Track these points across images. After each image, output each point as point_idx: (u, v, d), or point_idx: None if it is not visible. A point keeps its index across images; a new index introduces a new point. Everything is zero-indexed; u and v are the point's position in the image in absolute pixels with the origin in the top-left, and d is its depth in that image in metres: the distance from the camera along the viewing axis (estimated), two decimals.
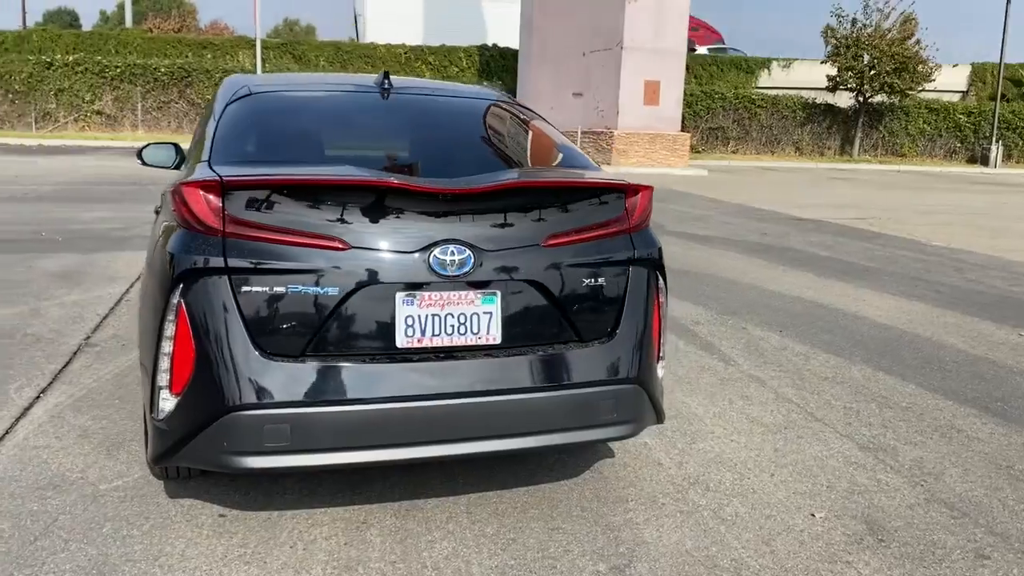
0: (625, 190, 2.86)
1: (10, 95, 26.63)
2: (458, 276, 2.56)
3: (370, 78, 3.52)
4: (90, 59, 27.18)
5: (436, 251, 2.54)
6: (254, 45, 27.47)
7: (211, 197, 2.46)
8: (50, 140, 24.69)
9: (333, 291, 2.48)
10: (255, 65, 27.19)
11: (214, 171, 2.62)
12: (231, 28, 28.46)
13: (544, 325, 2.71)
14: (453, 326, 2.58)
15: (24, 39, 28.59)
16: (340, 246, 2.49)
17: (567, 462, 3.45)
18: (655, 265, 2.92)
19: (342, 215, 2.52)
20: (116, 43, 29.53)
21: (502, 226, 2.64)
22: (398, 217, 2.56)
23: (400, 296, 2.53)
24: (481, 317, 2.61)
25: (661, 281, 2.95)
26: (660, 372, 3.02)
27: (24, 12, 48.73)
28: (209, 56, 30.12)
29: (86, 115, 27.14)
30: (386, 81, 3.45)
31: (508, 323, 2.65)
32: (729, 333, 5.68)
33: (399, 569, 2.61)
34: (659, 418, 3.04)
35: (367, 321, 2.53)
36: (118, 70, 27.15)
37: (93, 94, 27.10)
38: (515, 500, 3.11)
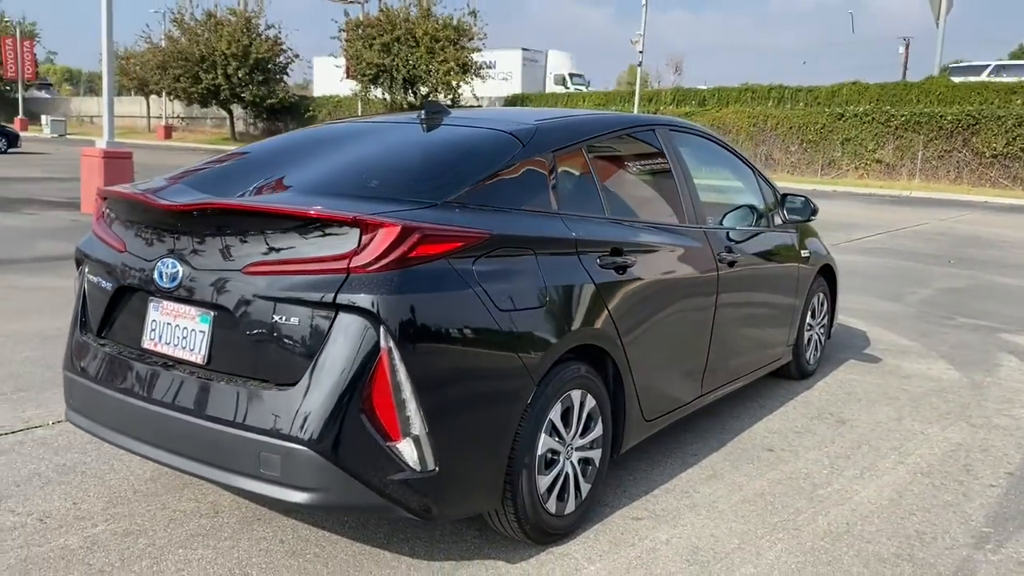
0: (360, 226, 2.48)
1: (803, 144, 29.11)
2: (171, 290, 2.71)
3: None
4: (879, 109, 27.77)
5: (158, 263, 2.74)
6: None
7: (100, 202, 3.16)
8: (824, 186, 26.27)
9: (110, 285, 2.92)
10: None
11: None
12: None
13: (242, 355, 2.60)
14: (179, 338, 2.74)
15: (835, 93, 30.67)
16: (119, 247, 2.92)
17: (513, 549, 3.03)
18: (380, 320, 2.43)
19: (127, 222, 2.94)
20: (918, 92, 29.32)
21: (215, 248, 2.66)
22: (150, 228, 2.84)
23: (151, 301, 2.82)
24: (197, 334, 2.69)
25: (390, 340, 2.44)
26: (405, 450, 2.50)
27: (905, 67, 50.80)
28: (1019, 102, 27.47)
29: (867, 163, 27.90)
30: (422, 113, 3.51)
31: (215, 346, 2.66)
32: None
33: (154, 552, 2.90)
34: (393, 503, 2.53)
35: (129, 316, 2.90)
36: (903, 119, 27.10)
37: (876, 143, 27.66)
38: (343, 549, 2.96)
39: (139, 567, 2.78)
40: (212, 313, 2.65)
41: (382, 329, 2.43)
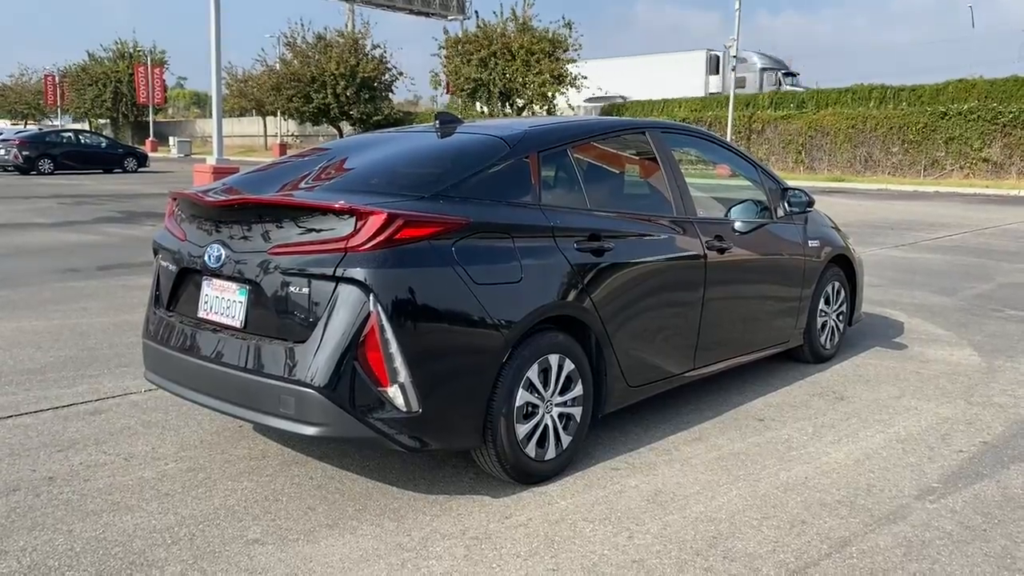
0: (355, 214, 3.11)
1: (905, 144, 28.41)
2: (217, 269, 3.40)
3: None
4: (985, 107, 26.85)
5: (208, 248, 3.45)
6: None
7: (171, 202, 3.91)
8: (926, 187, 25.61)
9: (175, 268, 3.66)
10: None
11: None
12: None
13: (268, 320, 3.27)
14: (224, 307, 3.44)
15: (940, 91, 29.79)
16: (181, 237, 3.65)
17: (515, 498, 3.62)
18: (368, 289, 3.05)
19: (187, 216, 3.67)
20: None
21: (249, 234, 3.34)
22: (202, 221, 3.56)
23: (204, 279, 3.53)
24: (236, 304, 3.38)
25: (378, 306, 3.05)
26: (394, 394, 3.11)
27: None
28: None
29: (972, 163, 27.01)
30: (437, 122, 4.15)
31: (249, 312, 3.33)
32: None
33: (209, 483, 3.59)
34: (385, 436, 3.13)
35: (189, 293, 3.62)
36: (1011, 116, 26.13)
37: (982, 141, 26.76)
38: (357, 487, 3.60)
39: (196, 492, 3.48)
40: (247, 287, 3.33)
41: (371, 296, 3.05)
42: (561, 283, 3.57)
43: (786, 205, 5.14)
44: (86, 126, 57.57)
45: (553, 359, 3.57)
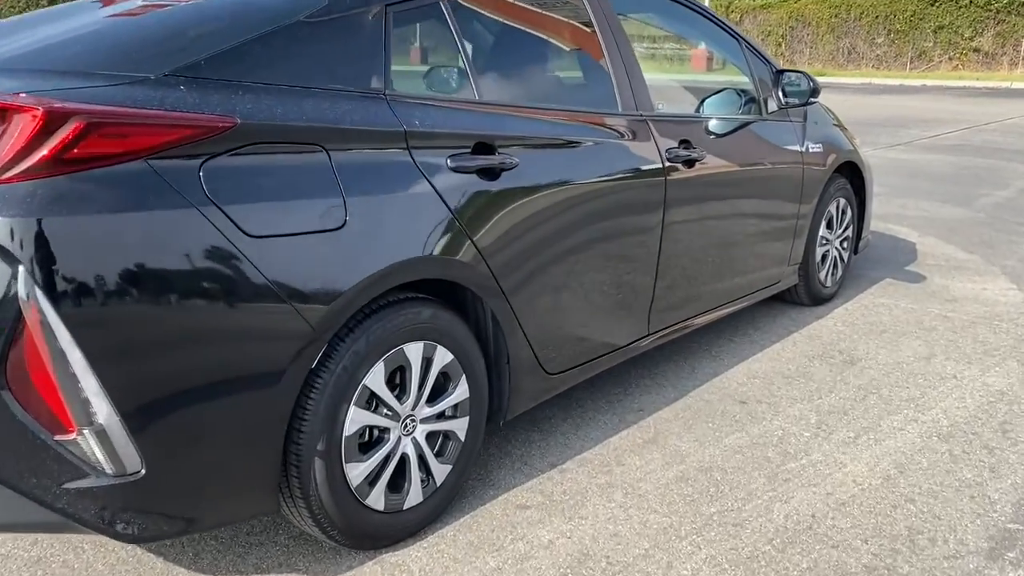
0: None
1: (891, 34, 26.66)
2: None
3: None
4: None
5: None
6: None
7: None
8: (913, 80, 24.07)
9: None
10: None
11: None
12: None
13: None
14: None
15: None
16: None
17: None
18: (15, 259, 1.61)
19: None
20: None
21: None
22: None
23: None
24: None
25: (38, 290, 1.62)
26: (88, 447, 1.71)
27: None
28: None
29: (962, 52, 25.38)
30: None
31: None
32: None
33: None
34: (76, 521, 1.75)
35: None
36: (1005, 1, 24.38)
37: (974, 29, 25.06)
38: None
39: None
40: None
41: (22, 271, 1.61)
42: (424, 225, 2.15)
43: (780, 95, 3.68)
44: None
45: (413, 351, 2.18)
